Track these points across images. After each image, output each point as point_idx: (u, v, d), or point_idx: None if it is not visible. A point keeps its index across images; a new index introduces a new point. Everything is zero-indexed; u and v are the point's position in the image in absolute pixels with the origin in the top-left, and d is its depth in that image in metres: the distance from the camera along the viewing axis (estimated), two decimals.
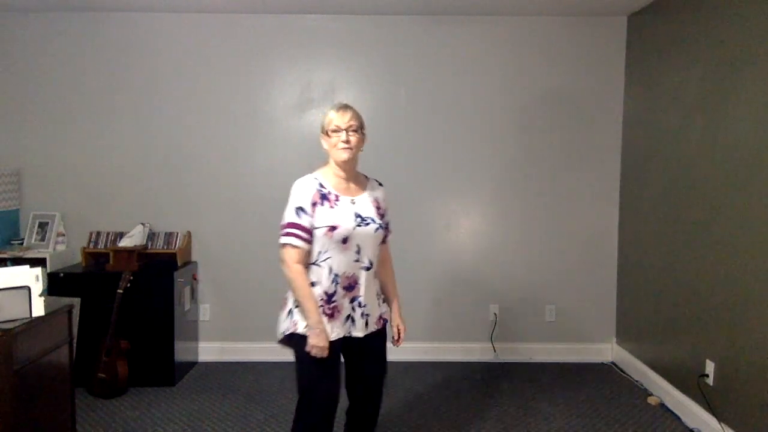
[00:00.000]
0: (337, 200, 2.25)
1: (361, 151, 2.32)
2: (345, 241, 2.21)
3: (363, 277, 2.29)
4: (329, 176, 2.31)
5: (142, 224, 4.29)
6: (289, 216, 2.21)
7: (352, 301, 2.29)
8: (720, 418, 3.13)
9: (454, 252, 4.49)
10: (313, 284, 2.24)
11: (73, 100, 4.38)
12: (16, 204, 4.38)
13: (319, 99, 4.43)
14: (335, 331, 2.27)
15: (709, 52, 3.31)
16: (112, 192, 4.43)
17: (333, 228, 2.19)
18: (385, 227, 2.39)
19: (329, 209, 2.22)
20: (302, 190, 2.23)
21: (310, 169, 2.37)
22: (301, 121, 4.43)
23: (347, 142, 2.22)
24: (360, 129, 2.28)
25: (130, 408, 3.63)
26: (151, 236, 4.33)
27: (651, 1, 3.99)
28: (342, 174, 2.30)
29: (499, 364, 4.46)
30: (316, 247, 2.23)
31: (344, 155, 2.23)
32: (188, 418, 3.49)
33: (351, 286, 2.28)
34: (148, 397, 3.80)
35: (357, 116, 2.28)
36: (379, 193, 2.43)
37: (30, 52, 4.35)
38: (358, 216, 2.25)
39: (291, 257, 2.20)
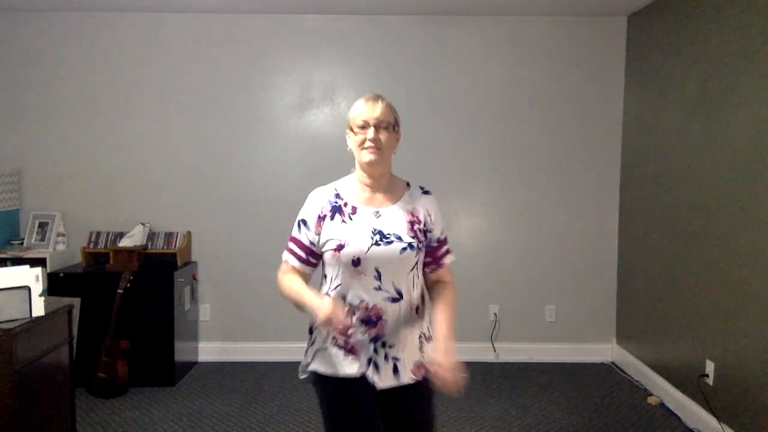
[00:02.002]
0: (354, 213, 1.82)
1: (395, 152, 1.90)
2: (357, 263, 1.75)
3: (390, 310, 1.77)
4: (352, 184, 1.89)
5: (142, 224, 4.29)
6: (294, 229, 1.89)
7: (375, 340, 1.78)
8: (720, 418, 3.13)
9: (455, 251, 4.47)
10: None
11: (73, 100, 4.38)
12: (16, 204, 4.38)
13: (319, 99, 4.43)
14: (355, 366, 1.77)
15: (709, 52, 3.31)
16: (112, 192, 4.43)
17: (340, 247, 1.76)
18: (422, 247, 1.86)
19: (340, 224, 1.81)
20: (310, 201, 1.87)
21: (310, 168, 2.32)
22: (301, 121, 4.43)
23: (375, 141, 1.79)
24: (393, 126, 1.86)
25: (130, 408, 3.63)
26: (151, 236, 4.33)
27: (651, 1, 3.99)
28: (368, 180, 1.86)
29: (500, 364, 4.46)
30: (328, 273, 1.83)
31: (370, 156, 1.79)
32: (188, 418, 3.49)
33: (372, 320, 1.77)
34: (148, 397, 3.80)
35: (390, 110, 1.87)
36: (422, 203, 1.91)
37: (30, 52, 4.35)
38: (377, 232, 1.78)
39: (282, 270, 1.88)
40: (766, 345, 2.79)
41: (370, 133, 1.79)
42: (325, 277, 1.85)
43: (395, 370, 1.79)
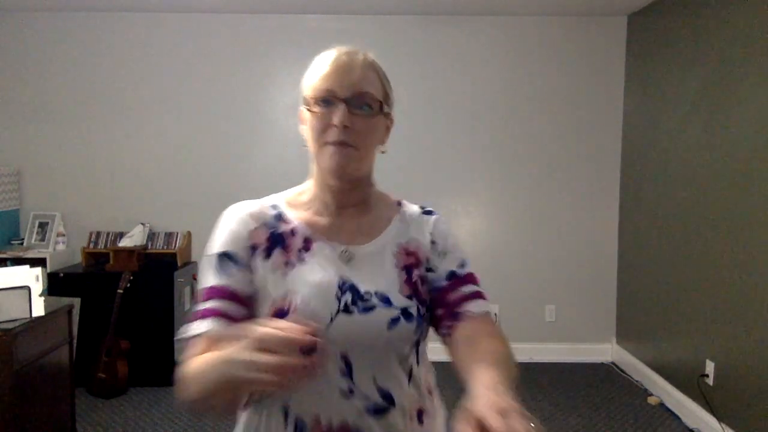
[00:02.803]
0: (306, 249, 1.06)
1: (383, 151, 1.13)
2: (309, 348, 0.82)
3: (371, 430, 0.99)
4: (306, 200, 1.12)
5: (142, 224, 4.29)
6: (206, 276, 1.05)
7: None
8: (720, 418, 3.13)
9: None
10: None
11: (73, 100, 4.38)
12: (16, 204, 4.38)
13: None
14: None
15: (709, 52, 3.31)
16: (112, 192, 4.43)
17: (278, 313, 0.99)
18: (425, 313, 1.07)
19: (281, 269, 1.03)
20: (229, 224, 1.09)
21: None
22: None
23: (348, 129, 1.01)
24: (381, 104, 1.06)
25: (130, 408, 3.63)
26: (151, 236, 4.33)
27: (651, 1, 3.99)
28: (332, 196, 1.09)
29: None
30: None
31: (337, 159, 1.02)
32: (188, 418, 3.49)
33: None
34: (148, 396, 3.80)
35: (376, 74, 1.09)
36: (422, 229, 1.15)
37: (30, 52, 4.35)
38: (348, 288, 1.02)
39: (192, 351, 0.99)
40: (766, 345, 2.79)
41: (339, 113, 1.00)
42: None
43: None
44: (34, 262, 3.83)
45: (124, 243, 4.18)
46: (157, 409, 3.62)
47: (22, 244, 4.26)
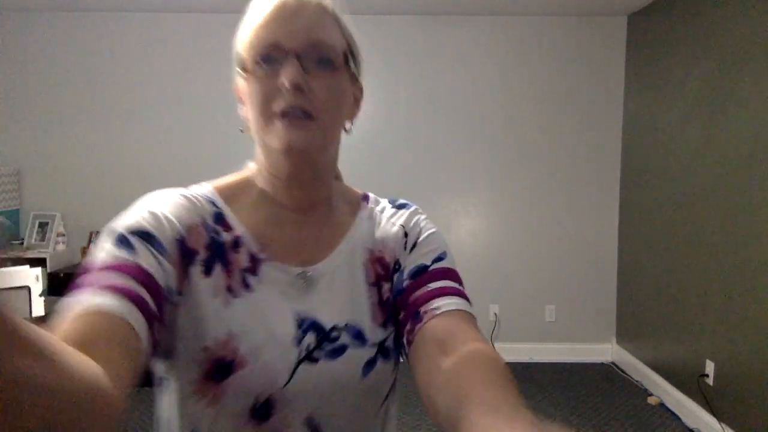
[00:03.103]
0: (252, 270, 0.77)
1: (348, 129, 0.84)
2: (263, 412, 0.72)
3: None
4: (247, 196, 0.85)
5: None
6: (105, 249, 0.68)
7: None
8: (720, 418, 3.13)
9: (455, 252, 4.46)
10: None
11: (73, 100, 4.38)
12: (16, 204, 4.38)
13: None
14: None
15: (709, 52, 3.31)
16: (112, 192, 4.43)
17: (219, 365, 0.71)
18: (400, 343, 0.83)
19: (221, 296, 0.74)
20: (155, 207, 0.77)
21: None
22: None
23: (299, 91, 0.72)
24: (346, 57, 0.81)
25: (131, 408, 3.62)
26: None
27: (651, 1, 3.99)
28: (282, 194, 0.82)
29: None
30: (178, 422, 0.74)
31: (288, 136, 0.73)
32: None
33: None
34: (149, 396, 3.79)
35: (331, 22, 0.81)
36: (395, 224, 0.88)
37: (30, 51, 4.35)
38: (309, 326, 0.77)
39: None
40: (765, 344, 2.79)
41: (289, 71, 0.72)
42: None
43: None
44: (34, 263, 3.83)
45: None
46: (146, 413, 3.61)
47: (22, 244, 4.26)
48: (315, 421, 0.74)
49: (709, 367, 3.25)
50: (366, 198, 0.91)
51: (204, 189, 0.83)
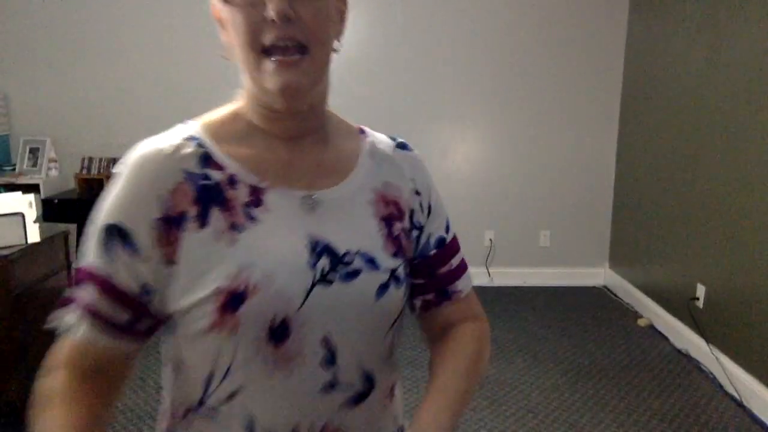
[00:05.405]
0: (256, 202, 0.76)
1: (337, 48, 0.79)
2: (280, 334, 0.73)
3: (349, 423, 0.80)
4: (239, 128, 0.81)
5: None
6: (89, 251, 0.76)
7: None
8: (708, 340, 3.22)
9: (451, 179, 4.46)
10: None
11: (62, 23, 4.21)
12: (5, 129, 4.30)
13: None
14: None
15: None
16: (103, 117, 4.34)
17: (236, 297, 0.71)
18: (410, 275, 0.88)
19: (225, 237, 0.74)
20: (134, 179, 0.79)
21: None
22: None
23: (288, 21, 0.69)
24: None
25: None
26: None
27: None
28: (275, 125, 0.80)
29: (494, 288, 4.53)
30: (202, 360, 0.76)
31: (282, 78, 0.71)
32: None
33: None
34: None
35: None
36: (401, 172, 0.89)
37: None
38: (322, 250, 0.77)
39: (59, 355, 0.78)
40: (755, 269, 2.83)
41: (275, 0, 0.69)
42: (186, 373, 0.79)
43: None
44: (27, 189, 3.80)
45: (118, 169, 4.13)
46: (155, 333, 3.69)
47: (14, 170, 4.22)
48: (331, 342, 0.76)
49: (700, 291, 3.31)
50: (363, 131, 0.91)
51: (190, 129, 0.80)
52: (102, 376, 0.76)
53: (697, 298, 3.32)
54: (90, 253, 0.75)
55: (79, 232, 3.82)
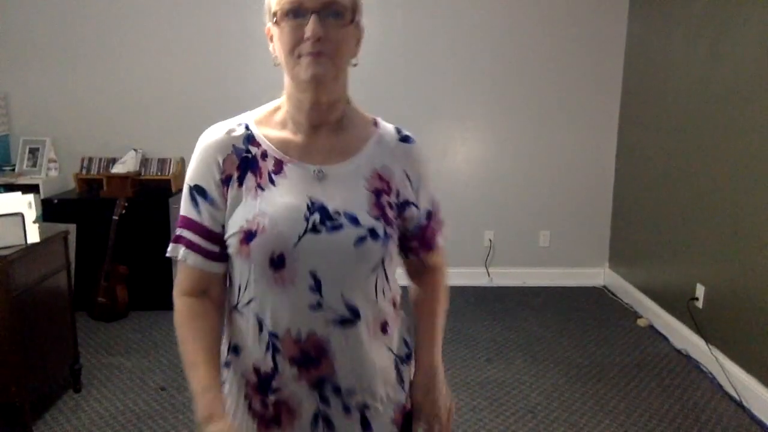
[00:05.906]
0: (278, 172, 1.07)
1: (354, 63, 1.09)
2: (278, 264, 1.04)
3: (338, 340, 1.07)
4: (277, 120, 1.12)
5: (135, 150, 4.23)
6: (184, 203, 1.11)
7: (319, 386, 1.09)
8: (708, 340, 3.22)
9: (451, 179, 4.46)
10: (235, 350, 1.14)
11: (62, 23, 4.21)
12: (5, 129, 4.30)
13: None
14: None
15: None
16: (103, 117, 4.33)
17: (249, 235, 1.03)
18: (392, 234, 1.11)
19: (252, 193, 1.06)
20: (200, 153, 1.09)
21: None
22: None
23: (320, 39, 0.99)
24: (349, 12, 1.03)
25: (131, 331, 3.71)
26: (144, 162, 4.28)
27: None
28: (305, 114, 1.07)
29: (494, 288, 4.53)
30: (235, 278, 1.12)
31: (313, 69, 1.00)
32: None
33: (310, 357, 1.08)
34: (148, 320, 3.86)
35: None
36: (398, 159, 1.14)
37: None
38: (317, 209, 1.05)
39: (179, 283, 1.14)
40: (755, 269, 2.83)
41: (312, 25, 0.98)
42: (231, 284, 1.13)
43: (365, 424, 1.13)
44: (26, 189, 3.80)
45: (117, 169, 4.14)
46: (158, 332, 3.70)
47: (13, 170, 4.21)
48: (317, 275, 1.04)
49: (699, 291, 3.31)
50: (376, 123, 1.17)
51: (246, 117, 1.13)
52: (207, 299, 1.11)
53: (697, 299, 3.32)
54: (185, 205, 1.09)
55: (79, 232, 3.82)
